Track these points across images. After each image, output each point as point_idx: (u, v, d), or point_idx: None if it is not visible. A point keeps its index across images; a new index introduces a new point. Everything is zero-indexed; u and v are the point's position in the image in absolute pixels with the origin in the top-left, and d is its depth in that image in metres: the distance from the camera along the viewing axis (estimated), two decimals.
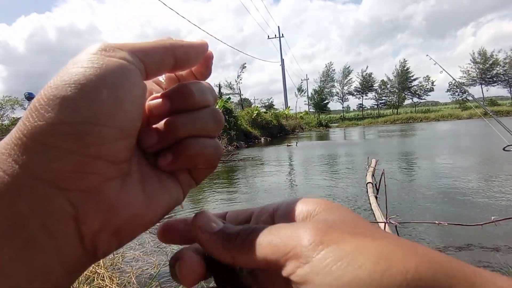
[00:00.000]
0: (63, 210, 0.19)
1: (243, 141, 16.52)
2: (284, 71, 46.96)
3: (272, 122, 23.21)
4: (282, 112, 31.94)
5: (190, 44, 0.25)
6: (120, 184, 0.21)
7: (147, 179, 0.24)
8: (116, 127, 0.20)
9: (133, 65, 0.22)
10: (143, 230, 0.24)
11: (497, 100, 51.12)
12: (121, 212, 0.21)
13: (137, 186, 0.23)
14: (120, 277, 2.56)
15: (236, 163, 9.64)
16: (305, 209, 0.23)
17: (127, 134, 0.21)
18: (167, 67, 0.25)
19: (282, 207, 0.25)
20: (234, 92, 33.15)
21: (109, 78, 0.20)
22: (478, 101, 3.79)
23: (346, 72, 57.00)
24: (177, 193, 0.26)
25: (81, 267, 0.21)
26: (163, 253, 3.13)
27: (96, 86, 0.20)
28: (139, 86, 0.22)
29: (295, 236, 0.19)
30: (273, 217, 0.25)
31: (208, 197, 5.58)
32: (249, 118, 20.22)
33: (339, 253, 0.17)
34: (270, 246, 0.20)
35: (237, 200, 5.30)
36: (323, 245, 0.17)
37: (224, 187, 6.44)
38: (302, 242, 0.18)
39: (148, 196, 0.23)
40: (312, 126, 36.05)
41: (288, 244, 0.19)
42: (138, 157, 0.24)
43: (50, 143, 0.19)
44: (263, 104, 49.14)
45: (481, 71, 49.82)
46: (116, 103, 0.20)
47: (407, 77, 53.93)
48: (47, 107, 0.19)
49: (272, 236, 0.20)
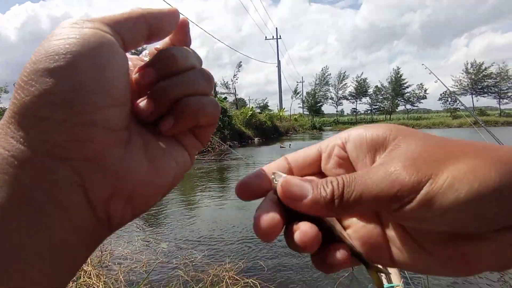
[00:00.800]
0: (68, 179, 0.19)
1: (236, 141, 16.53)
2: (280, 73, 47.07)
3: (266, 123, 23.23)
4: (276, 113, 32.00)
5: (160, 11, 0.26)
6: (123, 151, 0.22)
7: (150, 147, 0.24)
8: (104, 94, 0.20)
9: (109, 34, 0.22)
10: (157, 197, 0.24)
11: (486, 110, 52.05)
12: (128, 178, 0.21)
13: (140, 153, 0.23)
14: (107, 275, 2.52)
15: (229, 162, 9.62)
16: (377, 135, 0.24)
17: (117, 101, 0.21)
18: (142, 36, 0.25)
19: (352, 138, 0.26)
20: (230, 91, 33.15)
21: (88, 47, 0.20)
22: (470, 110, 3.84)
23: (342, 76, 57.42)
24: (182, 157, 0.26)
25: (97, 237, 0.21)
26: (152, 252, 3.10)
27: (75, 55, 0.20)
28: (119, 54, 0.22)
29: (394, 180, 0.20)
30: (345, 150, 0.26)
31: (201, 194, 5.56)
32: (244, 118, 20.21)
33: (439, 183, 0.19)
34: (371, 196, 0.21)
35: (230, 198, 5.29)
36: (421, 183, 0.20)
37: (217, 186, 6.42)
38: (405, 184, 0.20)
39: (153, 162, 0.23)
40: (306, 129, 36.17)
41: (391, 189, 0.20)
42: (139, 127, 0.25)
43: (41, 115, 0.19)
44: (258, 104, 49.31)
45: (473, 81, 50.66)
46: (99, 70, 0.20)
47: (400, 84, 54.55)
48: (31, 82, 0.19)
49: (371, 185, 0.21)
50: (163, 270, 2.74)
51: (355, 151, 0.25)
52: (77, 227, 0.19)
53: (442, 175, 0.19)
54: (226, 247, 3.24)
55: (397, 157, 0.22)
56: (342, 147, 0.26)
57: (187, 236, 3.58)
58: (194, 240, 3.46)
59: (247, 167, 9.27)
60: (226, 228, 3.86)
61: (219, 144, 12.44)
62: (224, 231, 3.75)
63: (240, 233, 3.65)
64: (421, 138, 0.22)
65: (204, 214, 4.54)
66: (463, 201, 0.18)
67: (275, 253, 3.05)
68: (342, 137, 0.26)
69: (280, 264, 2.83)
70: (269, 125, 23.85)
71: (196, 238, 3.52)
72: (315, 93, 58.13)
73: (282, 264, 2.84)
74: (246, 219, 4.20)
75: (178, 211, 4.61)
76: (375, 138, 0.24)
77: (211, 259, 2.93)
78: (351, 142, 0.26)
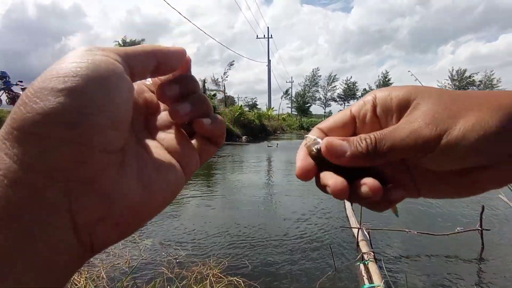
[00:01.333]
0: (56, 203, 0.19)
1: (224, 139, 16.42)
2: (270, 72, 47.13)
3: (254, 122, 23.21)
4: (265, 112, 32.03)
5: (169, 49, 0.27)
6: (116, 174, 0.22)
7: (144, 169, 0.25)
8: (107, 117, 0.21)
9: (119, 62, 0.23)
10: (145, 221, 0.24)
11: None
12: (118, 203, 0.22)
13: (133, 176, 0.23)
14: (89, 271, 2.49)
15: (217, 160, 9.59)
16: (401, 96, 0.29)
17: (118, 124, 0.22)
18: (150, 70, 0.26)
19: (380, 102, 0.30)
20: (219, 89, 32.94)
21: (97, 71, 0.21)
22: None
23: (332, 79, 57.90)
24: (175, 178, 0.27)
25: (78, 260, 0.21)
26: (135, 248, 3.07)
27: (84, 77, 0.20)
28: (126, 80, 0.23)
29: (418, 136, 0.26)
30: (376, 114, 0.30)
31: (186, 191, 5.52)
32: (232, 117, 20.15)
33: (454, 134, 0.25)
34: (399, 148, 0.26)
35: (217, 193, 5.28)
36: (440, 136, 0.25)
37: (203, 183, 6.39)
38: (427, 138, 0.25)
39: (145, 185, 0.24)
40: (294, 129, 36.34)
41: (416, 143, 0.26)
42: (134, 147, 0.25)
43: (43, 133, 0.19)
44: (247, 103, 49.12)
45: (457, 88, 52.00)
46: (105, 94, 0.21)
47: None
48: (35, 99, 0.19)
49: (399, 140, 0.26)
50: (146, 267, 2.72)
51: (384, 114, 0.30)
52: (60, 250, 0.19)
53: (456, 127, 0.25)
54: (211, 245, 3.25)
55: (419, 116, 0.27)
56: (373, 111, 0.31)
57: (172, 233, 3.56)
58: (179, 237, 3.44)
59: (233, 164, 9.26)
60: (211, 226, 3.86)
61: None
62: (209, 229, 3.74)
63: (225, 231, 3.65)
64: (437, 96, 0.27)
65: (189, 211, 4.52)
66: (473, 146, 0.24)
67: (259, 252, 3.07)
68: (370, 102, 0.31)
69: (264, 262, 2.86)
70: (257, 124, 23.85)
71: (181, 235, 3.50)
72: (305, 94, 58.47)
73: (266, 262, 2.86)
74: (231, 217, 4.21)
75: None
76: (400, 99, 0.29)
77: (195, 257, 2.92)
78: (380, 106, 0.30)
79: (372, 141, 0.27)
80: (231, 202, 5.02)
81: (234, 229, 3.71)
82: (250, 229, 3.69)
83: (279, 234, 3.55)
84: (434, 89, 0.28)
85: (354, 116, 0.31)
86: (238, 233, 3.58)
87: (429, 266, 2.87)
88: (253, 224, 3.81)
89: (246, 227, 3.76)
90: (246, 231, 3.64)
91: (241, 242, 3.30)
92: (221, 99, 29.56)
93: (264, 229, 3.65)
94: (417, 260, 3.01)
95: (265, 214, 4.44)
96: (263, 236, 3.47)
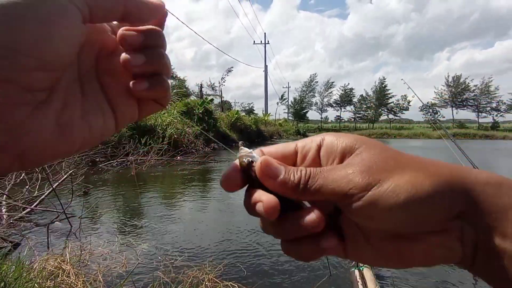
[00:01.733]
0: None
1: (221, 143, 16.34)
2: (266, 78, 47.25)
3: (251, 127, 23.25)
4: (261, 117, 32.07)
5: (143, 2, 0.26)
6: (31, 111, 0.22)
7: (66, 109, 0.24)
8: (37, 58, 0.20)
9: (74, 5, 0.22)
10: (53, 159, 0.25)
11: (465, 123, 53.88)
12: (26, 137, 0.22)
13: (50, 116, 0.23)
14: (86, 274, 2.49)
15: (213, 164, 9.60)
16: (346, 144, 0.28)
17: (51, 66, 0.21)
18: (115, 16, 0.25)
19: (326, 144, 0.29)
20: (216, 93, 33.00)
21: (41, 12, 0.20)
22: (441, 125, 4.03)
23: (328, 85, 58.20)
24: (102, 124, 0.27)
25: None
26: (132, 253, 3.08)
27: (22, 15, 0.20)
28: (76, 26, 0.22)
29: (350, 180, 0.25)
30: (319, 155, 0.30)
31: (183, 196, 5.52)
32: (229, 122, 20.16)
33: (384, 187, 0.24)
34: (329, 189, 0.26)
35: (213, 198, 5.29)
36: (370, 185, 0.24)
37: (199, 188, 6.39)
38: (357, 185, 0.25)
39: (62, 124, 0.24)
40: (290, 134, 36.35)
41: (345, 187, 0.25)
42: (68, 87, 0.25)
43: None
44: (243, 108, 49.21)
45: (453, 94, 52.40)
46: (44, 36, 0.20)
47: (384, 94, 55.78)
48: None
49: (330, 181, 0.26)
50: (143, 271, 2.73)
51: (326, 156, 0.29)
52: None
53: (388, 181, 0.24)
54: (207, 249, 3.26)
55: (357, 163, 0.26)
56: (317, 150, 0.30)
57: (168, 237, 3.57)
58: (175, 242, 3.45)
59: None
60: (207, 230, 3.87)
61: (203, 146, 12.34)
62: (205, 233, 3.75)
63: (221, 235, 3.66)
64: (380, 149, 0.27)
65: (185, 216, 4.52)
66: (402, 204, 0.23)
67: (255, 257, 3.09)
68: (317, 142, 0.30)
69: (260, 268, 2.87)
70: (254, 129, 23.88)
71: (177, 240, 3.51)
72: (302, 100, 58.67)
73: (261, 267, 2.88)
74: (227, 222, 4.21)
75: (159, 212, 4.57)
76: (344, 146, 0.28)
77: (191, 261, 2.93)
78: (324, 148, 0.29)
79: (306, 175, 0.27)
80: (227, 207, 5.03)
81: (230, 233, 3.72)
82: (246, 234, 3.71)
83: (274, 240, 3.55)
84: (380, 143, 0.28)
85: (297, 150, 0.31)
86: (234, 238, 3.59)
87: (425, 272, 2.91)
88: (249, 229, 3.83)
89: (242, 232, 3.77)
90: (242, 235, 3.65)
91: (236, 247, 3.31)
92: (218, 104, 29.60)
93: (259, 234, 3.67)
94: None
95: None
96: (259, 241, 3.49)
